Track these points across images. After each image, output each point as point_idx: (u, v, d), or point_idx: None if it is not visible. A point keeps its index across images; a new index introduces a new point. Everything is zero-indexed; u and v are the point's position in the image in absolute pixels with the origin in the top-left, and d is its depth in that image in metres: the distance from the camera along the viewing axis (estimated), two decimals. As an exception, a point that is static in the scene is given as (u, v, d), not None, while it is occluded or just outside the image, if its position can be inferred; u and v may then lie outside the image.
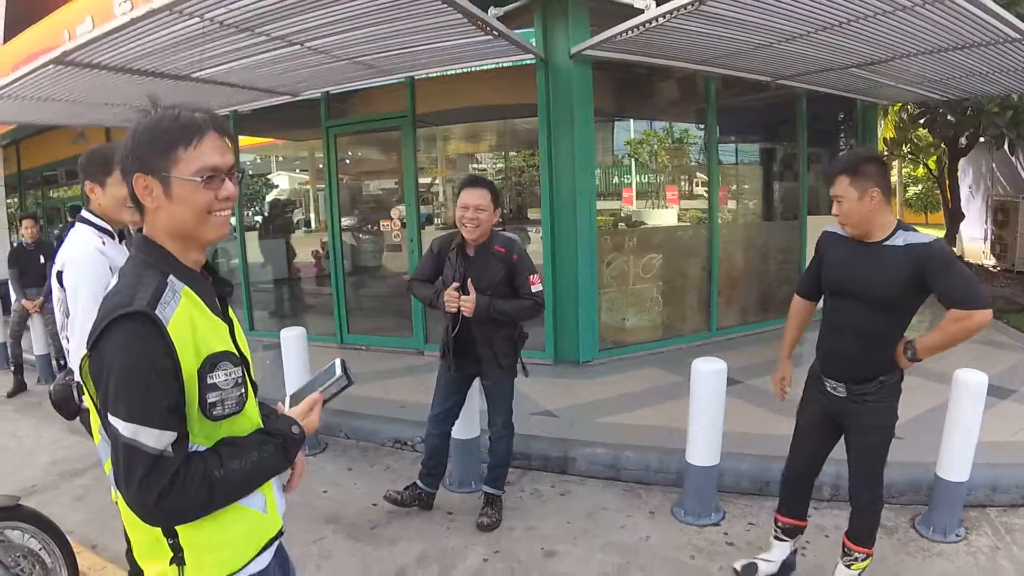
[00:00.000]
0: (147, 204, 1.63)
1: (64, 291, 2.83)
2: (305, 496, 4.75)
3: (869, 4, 4.86)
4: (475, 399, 4.61)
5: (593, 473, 4.95)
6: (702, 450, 4.21)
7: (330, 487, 4.94)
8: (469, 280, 3.96)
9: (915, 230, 3.03)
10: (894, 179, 25.91)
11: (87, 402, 1.67)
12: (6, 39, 11.91)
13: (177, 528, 1.62)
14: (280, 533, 1.84)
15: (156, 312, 1.50)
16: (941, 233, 17.49)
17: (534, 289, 4.01)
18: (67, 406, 2.91)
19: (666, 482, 4.72)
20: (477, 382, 4.43)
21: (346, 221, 9.15)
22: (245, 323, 9.46)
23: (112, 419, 1.48)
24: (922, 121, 13.74)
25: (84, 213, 2.99)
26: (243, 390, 1.65)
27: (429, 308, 4.32)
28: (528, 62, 6.86)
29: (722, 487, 4.51)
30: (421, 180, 8.52)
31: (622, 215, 8.99)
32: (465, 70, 7.11)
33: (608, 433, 5.31)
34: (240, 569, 1.70)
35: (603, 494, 4.71)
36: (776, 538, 3.65)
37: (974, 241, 17.30)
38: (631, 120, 9.11)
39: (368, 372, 7.37)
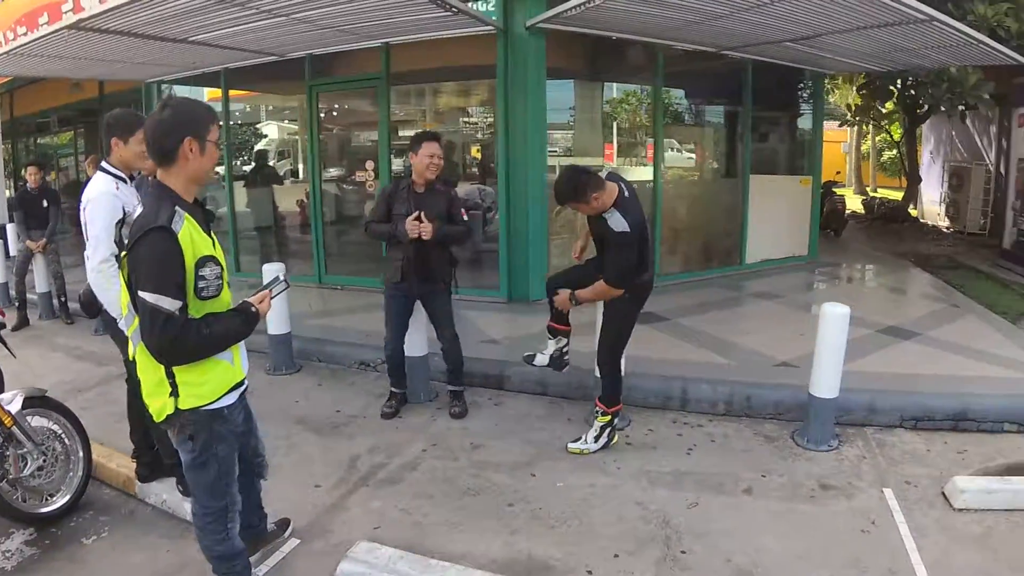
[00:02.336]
0: (186, 158, 2.56)
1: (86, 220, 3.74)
2: (280, 405, 5.63)
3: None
4: (422, 324, 5.47)
5: (525, 389, 5.81)
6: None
7: (302, 399, 5.80)
8: (422, 212, 4.86)
9: (629, 210, 4.33)
10: (867, 146, 26.81)
11: (121, 284, 2.64)
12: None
13: (174, 370, 2.59)
14: (242, 382, 2.86)
15: (171, 226, 2.45)
16: (900, 196, 18.27)
17: (465, 218, 5.06)
18: (92, 306, 3.88)
19: (585, 397, 5.51)
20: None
21: (328, 172, 9.91)
22: (232, 266, 10.20)
23: (141, 293, 2.45)
24: (865, 91, 14.36)
25: (104, 164, 3.89)
26: (220, 282, 2.62)
27: (388, 241, 5.21)
28: (490, 31, 7.53)
29: (632, 401, 5.34)
30: (406, 134, 9.19)
31: (603, 171, 9.63)
32: (436, 37, 7.72)
33: (542, 357, 6.13)
34: (213, 401, 2.71)
35: (531, 405, 5.58)
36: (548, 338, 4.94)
37: (932, 204, 17.97)
38: (593, 83, 9.71)
39: (341, 307, 8.24)
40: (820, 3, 5.94)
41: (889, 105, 16.56)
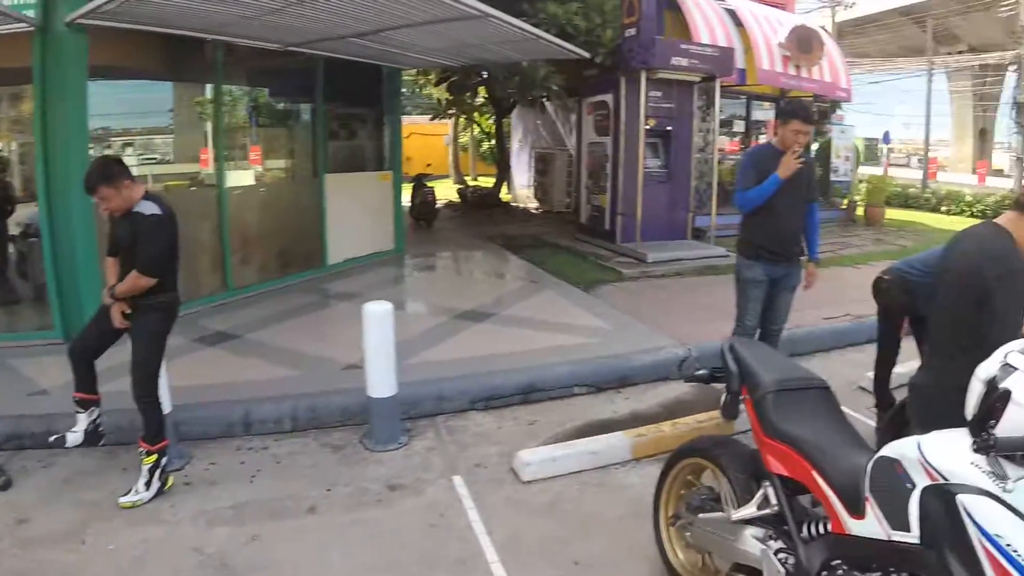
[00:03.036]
0: None
1: None
2: None
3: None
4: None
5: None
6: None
7: None
8: None
9: (159, 200, 4.24)
10: (466, 138, 28.45)
11: None
12: None
13: None
14: None
15: None
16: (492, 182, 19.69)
17: None
18: None
19: (140, 439, 4.94)
20: None
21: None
22: None
23: None
24: (444, 85, 15.15)
25: None
26: None
27: None
28: (28, 29, 6.52)
29: (191, 435, 4.91)
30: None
31: (199, 178, 8.94)
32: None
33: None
34: None
35: (84, 461, 4.80)
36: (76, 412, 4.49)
37: (522, 188, 19.76)
38: (162, 83, 8.86)
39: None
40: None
41: (480, 98, 17.66)
